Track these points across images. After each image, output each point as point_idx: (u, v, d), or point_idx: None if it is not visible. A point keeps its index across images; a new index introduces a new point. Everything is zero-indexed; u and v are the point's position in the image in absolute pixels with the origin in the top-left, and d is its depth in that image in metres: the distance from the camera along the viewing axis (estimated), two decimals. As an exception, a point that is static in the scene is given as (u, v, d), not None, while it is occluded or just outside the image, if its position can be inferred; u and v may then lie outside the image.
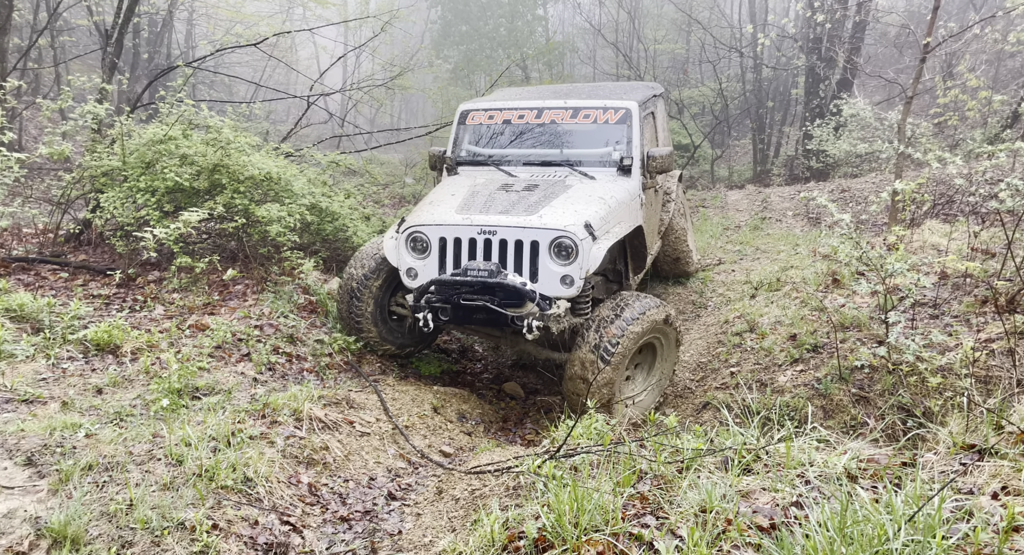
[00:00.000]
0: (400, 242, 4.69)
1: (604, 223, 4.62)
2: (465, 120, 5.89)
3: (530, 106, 5.69)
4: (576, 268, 4.32)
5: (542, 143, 5.58)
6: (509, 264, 4.42)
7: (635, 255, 5.48)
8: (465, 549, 2.53)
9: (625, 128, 5.44)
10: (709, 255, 8.38)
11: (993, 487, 2.43)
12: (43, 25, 12.66)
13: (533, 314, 4.30)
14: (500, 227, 4.40)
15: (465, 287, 4.40)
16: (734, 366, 5.43)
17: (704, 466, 2.89)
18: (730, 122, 21.19)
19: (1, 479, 2.84)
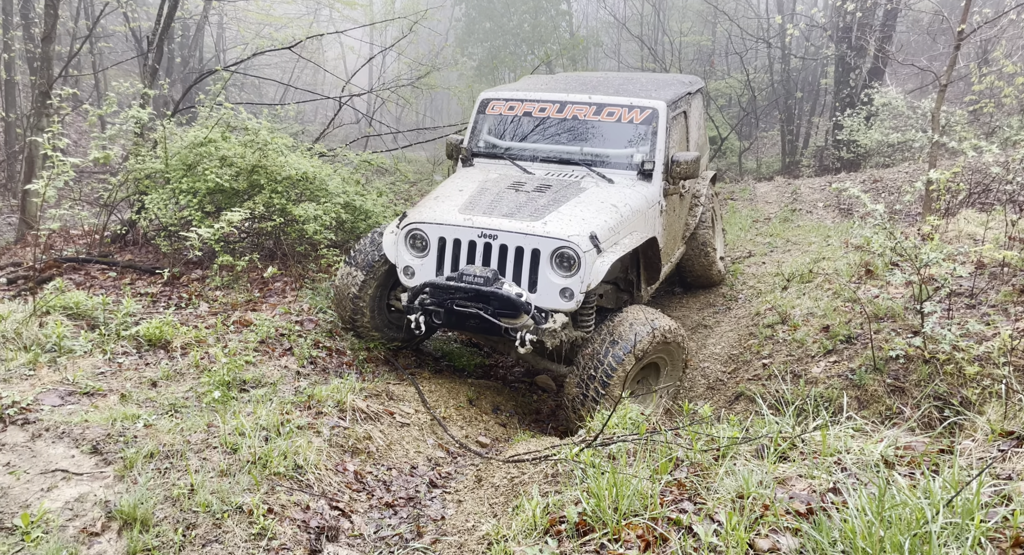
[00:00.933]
0: (399, 239, 4.52)
1: (613, 234, 4.38)
2: (485, 109, 5.63)
3: (553, 99, 5.41)
4: (577, 281, 4.09)
5: (562, 139, 5.32)
6: (508, 271, 4.22)
7: (648, 266, 5.18)
8: (508, 532, 2.63)
9: (650, 129, 5.15)
10: (738, 247, 8.37)
11: (1031, 473, 2.46)
12: (82, 32, 13.06)
13: (527, 327, 4.10)
14: (501, 231, 4.20)
15: (459, 293, 4.19)
16: (766, 358, 5.45)
17: (740, 454, 2.95)
18: (758, 113, 20.97)
19: (70, 466, 3.01)
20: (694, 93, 6.26)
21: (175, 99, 13.68)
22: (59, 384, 3.84)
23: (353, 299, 4.89)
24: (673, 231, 5.78)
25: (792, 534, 2.37)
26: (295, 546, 2.74)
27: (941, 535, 2.07)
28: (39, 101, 7.72)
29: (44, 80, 7.74)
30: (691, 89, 6.08)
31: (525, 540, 2.56)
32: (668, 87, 5.71)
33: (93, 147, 6.57)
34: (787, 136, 18.47)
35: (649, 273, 5.21)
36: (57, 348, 4.22)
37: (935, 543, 1.92)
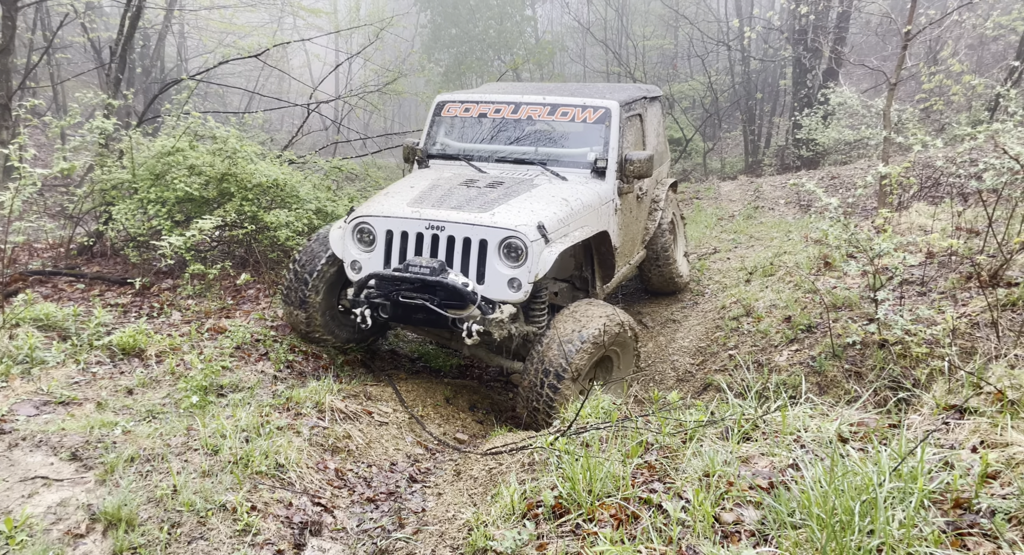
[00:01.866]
0: (347, 233, 4.47)
1: (562, 226, 4.34)
2: (440, 112, 5.64)
3: (507, 100, 5.42)
4: (524, 271, 4.04)
5: (517, 140, 5.32)
6: (456, 262, 4.17)
7: (603, 263, 5.16)
8: (488, 518, 2.73)
9: (603, 129, 5.16)
10: (704, 244, 8.60)
11: (973, 442, 2.64)
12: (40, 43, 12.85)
13: (474, 317, 4.05)
14: (449, 223, 4.15)
15: (405, 284, 4.13)
16: (732, 349, 5.64)
17: (706, 436, 3.09)
18: (720, 115, 21.43)
19: (50, 473, 3.04)
20: (651, 99, 6.29)
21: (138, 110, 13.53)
22: (33, 394, 3.84)
23: (301, 302, 4.79)
24: (631, 232, 5.76)
25: (755, 507, 2.52)
26: (279, 541, 2.80)
27: (888, 499, 2.23)
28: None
29: (3, 92, 7.64)
30: (647, 95, 6.14)
31: (504, 524, 2.67)
32: (622, 91, 5.78)
33: (57, 159, 6.51)
34: (749, 136, 18.91)
35: (604, 271, 5.19)
36: (29, 359, 4.21)
37: (881, 506, 2.07)
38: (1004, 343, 4.10)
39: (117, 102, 7.14)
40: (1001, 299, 4.46)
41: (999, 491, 2.27)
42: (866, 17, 18.71)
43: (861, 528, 2.08)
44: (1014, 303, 4.41)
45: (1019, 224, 5.43)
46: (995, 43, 16.22)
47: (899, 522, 2.10)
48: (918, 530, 2.08)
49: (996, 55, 16.19)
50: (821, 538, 2.08)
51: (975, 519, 2.14)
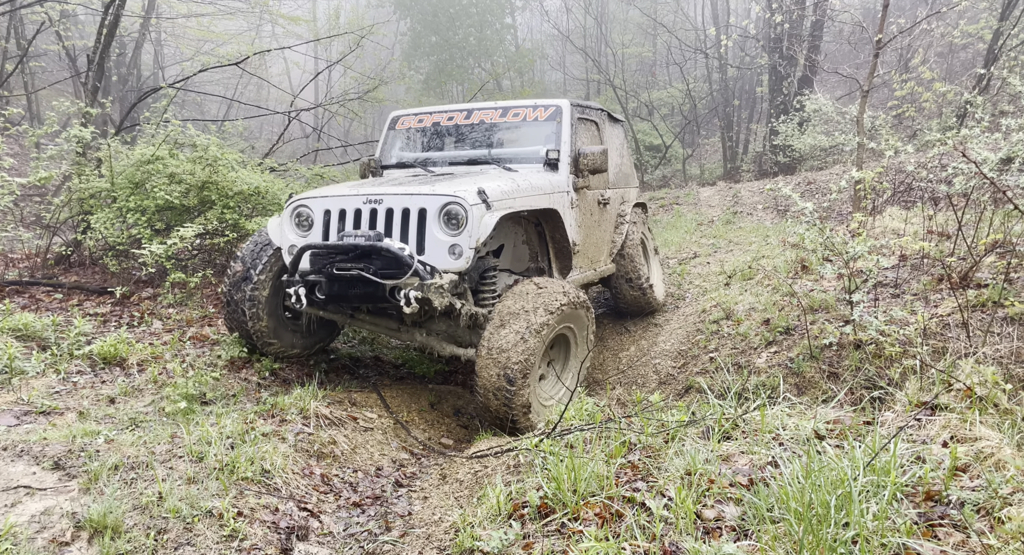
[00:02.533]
0: (284, 217, 4.38)
1: (506, 197, 4.22)
2: (395, 125, 5.70)
3: (460, 108, 5.50)
4: (465, 237, 3.90)
5: (471, 144, 5.35)
6: (395, 234, 4.04)
7: (559, 252, 5.07)
8: (474, 519, 2.76)
9: (554, 125, 5.18)
10: (684, 249, 8.71)
11: (943, 437, 2.73)
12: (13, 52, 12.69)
13: (411, 285, 3.86)
14: (387, 195, 4.07)
15: (340, 254, 4.01)
16: (713, 351, 5.73)
17: (688, 436, 3.16)
18: (699, 121, 21.70)
19: (33, 482, 3.02)
20: (611, 117, 6.37)
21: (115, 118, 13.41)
22: (13, 404, 3.80)
23: (246, 304, 4.58)
24: (593, 237, 5.70)
25: (735, 504, 2.58)
26: (266, 546, 2.81)
27: (862, 493, 2.31)
28: (-26, 122, 7.52)
29: (-21, 100, 7.54)
30: (605, 110, 6.19)
31: (491, 525, 2.70)
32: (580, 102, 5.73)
33: (34, 168, 6.45)
34: (727, 143, 19.18)
35: (560, 261, 5.10)
36: (9, 369, 4.17)
37: (855, 499, 2.14)
38: (973, 342, 4.22)
39: (95, 110, 7.09)
40: (971, 300, 4.59)
41: (968, 484, 2.36)
42: (839, 26, 19.09)
43: (837, 521, 2.14)
44: (983, 304, 4.54)
45: (987, 227, 5.58)
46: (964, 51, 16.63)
47: (873, 514, 2.17)
48: (891, 522, 2.15)
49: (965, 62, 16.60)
50: (798, 531, 2.14)
51: (945, 511, 2.21)
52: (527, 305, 4.03)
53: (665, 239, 9.37)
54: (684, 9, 24.91)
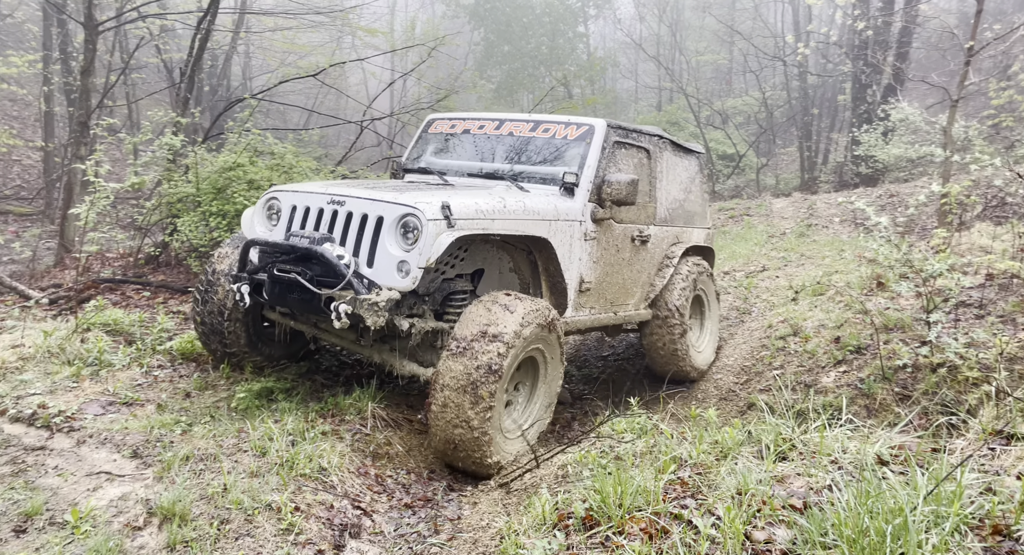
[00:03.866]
0: (257, 209, 4.21)
1: (480, 216, 3.77)
2: (429, 128, 5.44)
3: (492, 117, 5.16)
4: (415, 254, 3.53)
5: (495, 156, 4.95)
6: (350, 240, 3.73)
7: (552, 287, 4.50)
8: (519, 527, 2.79)
9: (583, 146, 4.69)
10: (753, 262, 8.48)
11: (1019, 469, 2.57)
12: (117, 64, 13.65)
13: (344, 298, 3.55)
14: (350, 198, 3.79)
15: (281, 253, 3.78)
16: (778, 369, 5.56)
17: (742, 455, 3.08)
18: (775, 130, 21.06)
19: (113, 469, 3.24)
20: (678, 144, 5.74)
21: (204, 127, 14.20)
22: (100, 395, 4.09)
23: (221, 315, 4.35)
24: (618, 275, 5.02)
25: (787, 527, 2.51)
26: (320, 541, 2.92)
27: (924, 523, 2.20)
28: (78, 131, 8.14)
29: (83, 111, 8.16)
30: (664, 135, 5.56)
31: (535, 534, 2.72)
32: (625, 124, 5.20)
33: (130, 174, 6.93)
34: (805, 152, 18.54)
35: (554, 297, 4.51)
36: (98, 362, 4.49)
37: (911, 529, 2.05)
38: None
39: (185, 120, 7.55)
40: (1063, 323, 4.29)
41: (1043, 520, 2.21)
42: (928, 33, 18.18)
43: (892, 550, 2.05)
44: (1077, 328, 4.24)
45: (1086, 245, 5.20)
46: (1070, 56, 15.49)
47: (933, 546, 2.07)
48: (952, 554, 2.05)
49: (1071, 69, 15.46)
50: (850, 560, 2.06)
51: (1014, 546, 2.09)
52: (490, 321, 3.59)
53: (733, 251, 9.15)
54: (763, 16, 24.29)
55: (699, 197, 6.10)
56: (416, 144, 5.44)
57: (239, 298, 3.93)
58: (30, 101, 16.20)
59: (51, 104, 13.91)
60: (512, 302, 3.73)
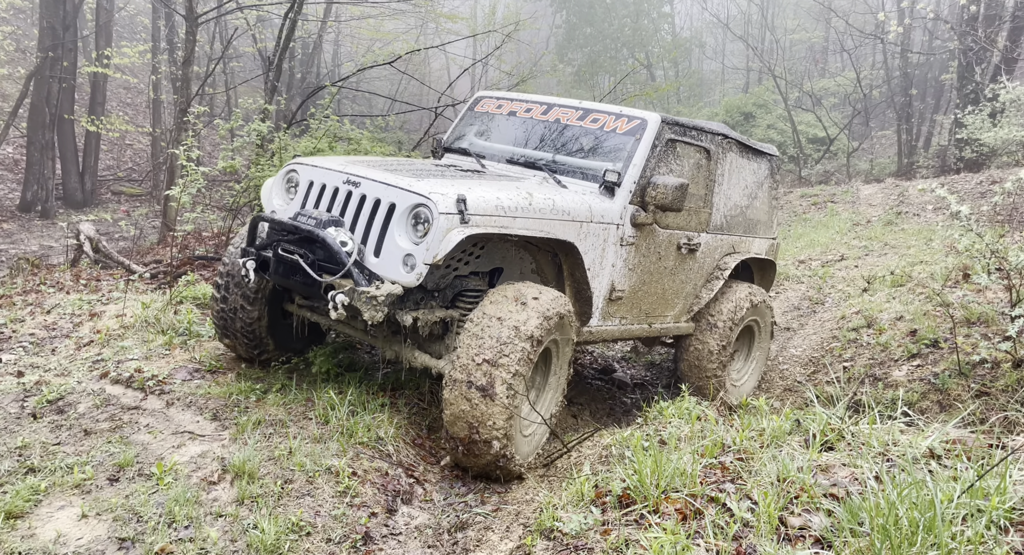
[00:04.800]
0: (276, 180, 4.04)
1: (502, 214, 3.49)
2: (475, 107, 5.08)
3: (540, 100, 4.84)
4: (423, 249, 3.30)
5: (538, 144, 4.62)
6: (360, 225, 3.52)
7: (577, 295, 4.12)
8: (558, 502, 2.90)
9: (632, 142, 4.28)
10: (831, 251, 8.17)
11: (1081, 471, 2.45)
12: (217, 54, 14.49)
13: (343, 288, 3.35)
14: (365, 180, 3.57)
15: (287, 233, 3.59)
16: (847, 361, 5.39)
17: (788, 443, 3.07)
18: (870, 112, 19.93)
19: (195, 429, 3.57)
20: (748, 146, 5.16)
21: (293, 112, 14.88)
22: (188, 362, 4.47)
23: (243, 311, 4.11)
24: (657, 285, 4.61)
25: (826, 514, 2.50)
26: (374, 504, 3.13)
27: (965, 516, 2.15)
28: (179, 117, 8.76)
29: (184, 98, 8.77)
30: (740, 139, 5.07)
31: (573, 509, 2.82)
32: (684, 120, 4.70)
33: (223, 157, 7.42)
34: (904, 136, 17.48)
35: (578, 303, 4.14)
36: (188, 332, 4.89)
37: (940, 519, 2.01)
38: None
39: (272, 107, 7.98)
40: None
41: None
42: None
43: (924, 540, 2.03)
44: None
45: None
46: None
47: (968, 538, 2.03)
48: (986, 548, 2.00)
49: None
50: (880, 548, 2.05)
51: (1059, 548, 2.01)
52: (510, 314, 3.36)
53: (811, 239, 8.83)
54: (862, -10, 22.94)
55: (765, 204, 5.49)
56: (460, 122, 5.09)
57: (244, 274, 3.72)
58: (141, 89, 17.46)
59: (158, 92, 14.94)
60: (531, 293, 3.49)
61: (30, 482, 2.88)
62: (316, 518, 2.93)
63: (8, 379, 4.06)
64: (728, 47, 30.39)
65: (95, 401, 3.74)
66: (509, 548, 2.75)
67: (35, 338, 4.81)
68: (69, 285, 6.13)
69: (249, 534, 2.72)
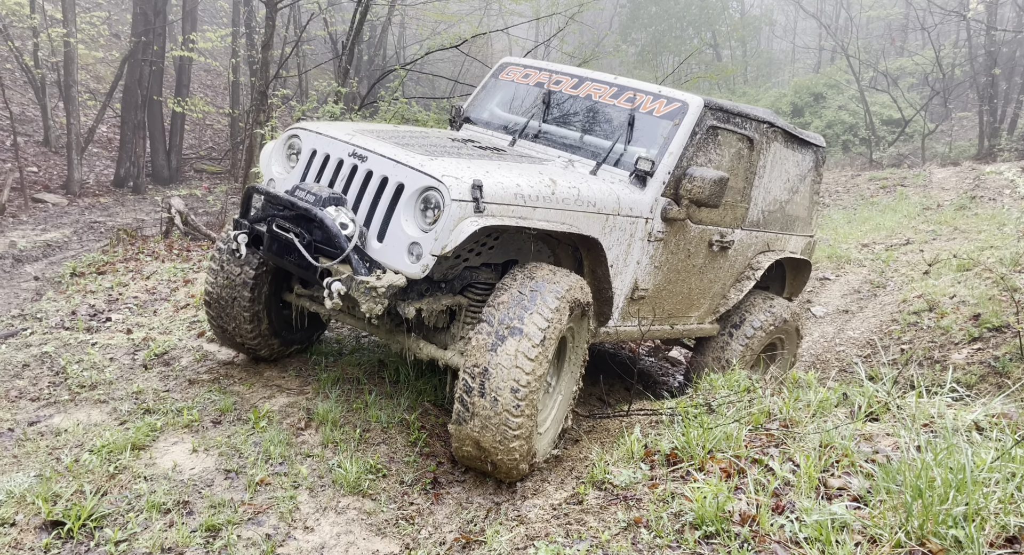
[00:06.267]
0: (277, 145, 3.64)
1: (521, 203, 3.15)
2: (499, 74, 4.63)
3: (571, 73, 4.38)
4: (430, 238, 2.96)
5: (566, 121, 4.24)
6: (364, 206, 3.17)
7: (597, 294, 3.75)
8: (610, 458, 3.13)
9: (670, 127, 3.87)
10: (897, 234, 8.03)
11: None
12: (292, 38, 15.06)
13: (341, 275, 3.02)
14: (373, 154, 3.20)
15: (283, 209, 3.24)
16: (906, 343, 5.40)
17: (834, 414, 3.20)
18: (949, 93, 19.03)
19: (283, 383, 3.95)
20: (793, 135, 4.70)
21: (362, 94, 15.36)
22: (272, 325, 4.88)
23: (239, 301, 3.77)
24: (684, 284, 4.27)
25: (866, 477, 2.65)
26: (442, 455, 3.44)
27: (999, 481, 2.28)
28: (258, 99, 9.26)
29: (263, 81, 9.25)
30: (784, 127, 4.60)
31: (623, 465, 3.05)
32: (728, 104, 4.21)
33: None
34: (985, 118, 16.69)
35: (598, 303, 3.79)
36: (271, 299, 5.31)
37: (969, 480, 2.15)
38: None
39: (344, 89, 8.36)
40: None
41: None
42: None
43: (956, 500, 2.17)
44: None
45: None
46: None
47: (997, 499, 2.16)
48: (1015, 508, 2.13)
49: None
50: (911, 504, 2.21)
51: (1088, 511, 2.12)
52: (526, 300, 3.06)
53: (877, 223, 8.68)
54: (947, -37, 21.80)
55: (806, 199, 5.05)
56: (483, 90, 4.64)
57: (235, 248, 3.38)
58: (220, 72, 18.28)
59: (237, 74, 15.64)
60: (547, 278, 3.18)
61: (148, 421, 3.31)
62: (391, 463, 3.26)
63: (119, 335, 4.55)
64: (800, 25, 29.37)
65: (195, 356, 4.18)
66: (564, 496, 3.00)
67: (138, 301, 5.33)
68: (163, 254, 6.68)
69: (334, 472, 3.06)
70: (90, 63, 14.32)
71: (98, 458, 2.99)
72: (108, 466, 2.95)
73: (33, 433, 3.23)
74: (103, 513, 2.66)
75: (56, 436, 3.22)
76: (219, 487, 2.92)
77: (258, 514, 2.79)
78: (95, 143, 13.41)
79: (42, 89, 11.95)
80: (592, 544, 2.53)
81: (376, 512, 2.91)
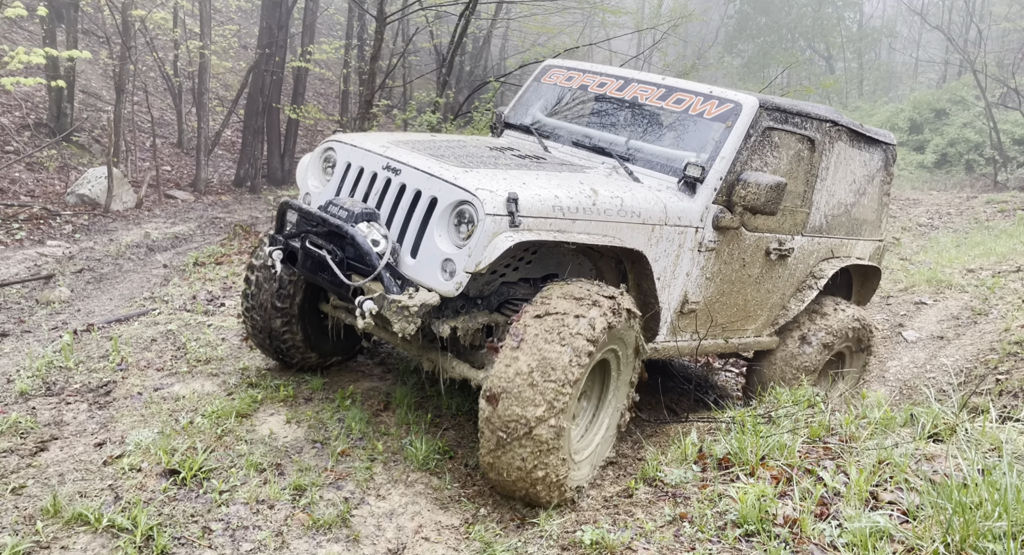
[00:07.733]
0: (313, 158, 3.63)
1: (560, 216, 3.01)
2: (542, 77, 4.49)
3: (617, 74, 4.20)
4: (464, 254, 2.86)
5: (610, 125, 4.05)
6: (397, 220, 3.09)
7: (643, 309, 3.46)
8: (664, 459, 3.25)
9: (722, 129, 3.65)
10: (1007, 261, 7.56)
11: None
12: (399, 49, 15.88)
13: (372, 294, 2.95)
14: (407, 167, 3.11)
15: (315, 225, 3.18)
16: (1003, 374, 5.14)
17: (897, 433, 3.18)
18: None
19: (366, 370, 4.32)
20: (859, 134, 4.41)
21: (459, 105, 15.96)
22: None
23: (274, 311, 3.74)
24: (739, 295, 4.03)
25: (919, 494, 2.65)
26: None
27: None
28: (364, 108, 9.90)
29: (369, 91, 9.89)
30: (849, 125, 4.32)
31: (676, 466, 3.16)
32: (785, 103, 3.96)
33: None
34: None
35: (646, 318, 3.54)
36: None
37: (1010, 499, 2.14)
38: None
39: (443, 100, 8.82)
40: None
41: None
42: None
43: (998, 516, 2.18)
44: None
45: None
46: None
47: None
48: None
49: None
50: (952, 516, 2.22)
51: None
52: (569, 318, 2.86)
53: (989, 248, 8.19)
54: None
55: (875, 201, 4.74)
56: (525, 94, 4.50)
57: (270, 264, 3.36)
58: (332, 81, 19.47)
59: (347, 84, 16.64)
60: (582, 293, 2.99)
61: (251, 393, 3.74)
62: (457, 447, 3.53)
63: (230, 319, 5.08)
64: (924, 37, 27.75)
65: (293, 339, 4.62)
66: (616, 490, 3.16)
67: (248, 288, 5.90)
68: (273, 248, 7.31)
69: (406, 450, 3.36)
70: (220, 72, 15.66)
71: (208, 421, 3.42)
72: (216, 429, 3.37)
73: (157, 397, 3.72)
74: (211, 467, 3.06)
75: (175, 401, 3.69)
76: (307, 454, 3.28)
77: (339, 480, 3.12)
78: (220, 145, 14.67)
79: (179, 96, 13.23)
80: (636, 533, 2.68)
81: (441, 488, 3.17)
